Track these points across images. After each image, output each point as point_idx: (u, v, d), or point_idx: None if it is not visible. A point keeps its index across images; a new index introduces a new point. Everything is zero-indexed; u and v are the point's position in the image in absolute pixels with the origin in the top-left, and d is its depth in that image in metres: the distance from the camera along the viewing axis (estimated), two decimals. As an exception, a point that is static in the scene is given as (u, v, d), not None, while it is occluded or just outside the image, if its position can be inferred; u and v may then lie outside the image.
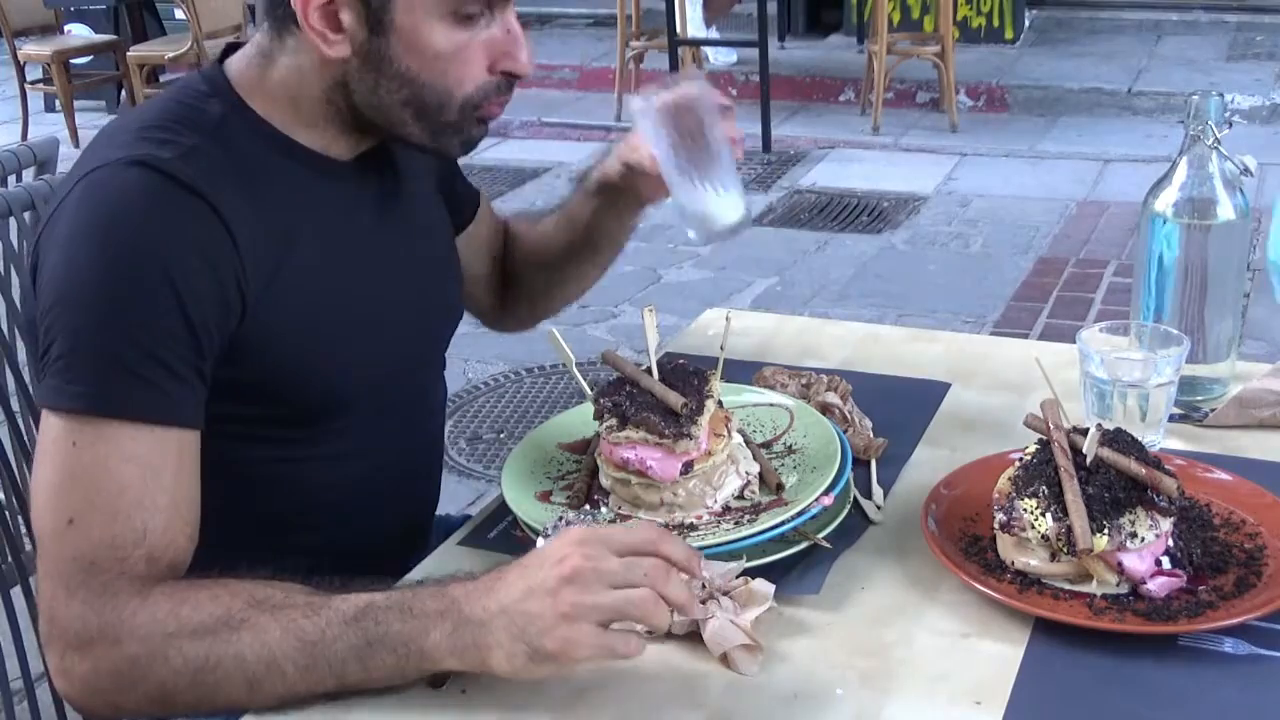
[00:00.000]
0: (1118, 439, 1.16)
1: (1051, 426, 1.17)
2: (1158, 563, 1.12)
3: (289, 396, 1.21)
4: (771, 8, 6.80)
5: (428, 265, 1.38)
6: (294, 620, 1.03)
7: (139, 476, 1.08)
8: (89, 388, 1.07)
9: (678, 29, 6.37)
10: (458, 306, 1.47)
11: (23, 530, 1.53)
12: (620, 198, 1.45)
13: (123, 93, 7.23)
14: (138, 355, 1.08)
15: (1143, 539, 1.10)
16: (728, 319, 1.35)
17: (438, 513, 1.58)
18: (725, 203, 1.32)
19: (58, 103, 7.09)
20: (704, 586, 1.09)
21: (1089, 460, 1.13)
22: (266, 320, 1.17)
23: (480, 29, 1.19)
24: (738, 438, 1.29)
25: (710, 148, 1.30)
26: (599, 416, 1.24)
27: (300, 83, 1.21)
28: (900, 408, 1.50)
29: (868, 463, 1.36)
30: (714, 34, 7.24)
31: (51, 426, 1.08)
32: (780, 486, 1.25)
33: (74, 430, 1.07)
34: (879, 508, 1.29)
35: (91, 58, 7.41)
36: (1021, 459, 1.19)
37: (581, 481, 1.29)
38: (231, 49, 1.27)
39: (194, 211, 1.12)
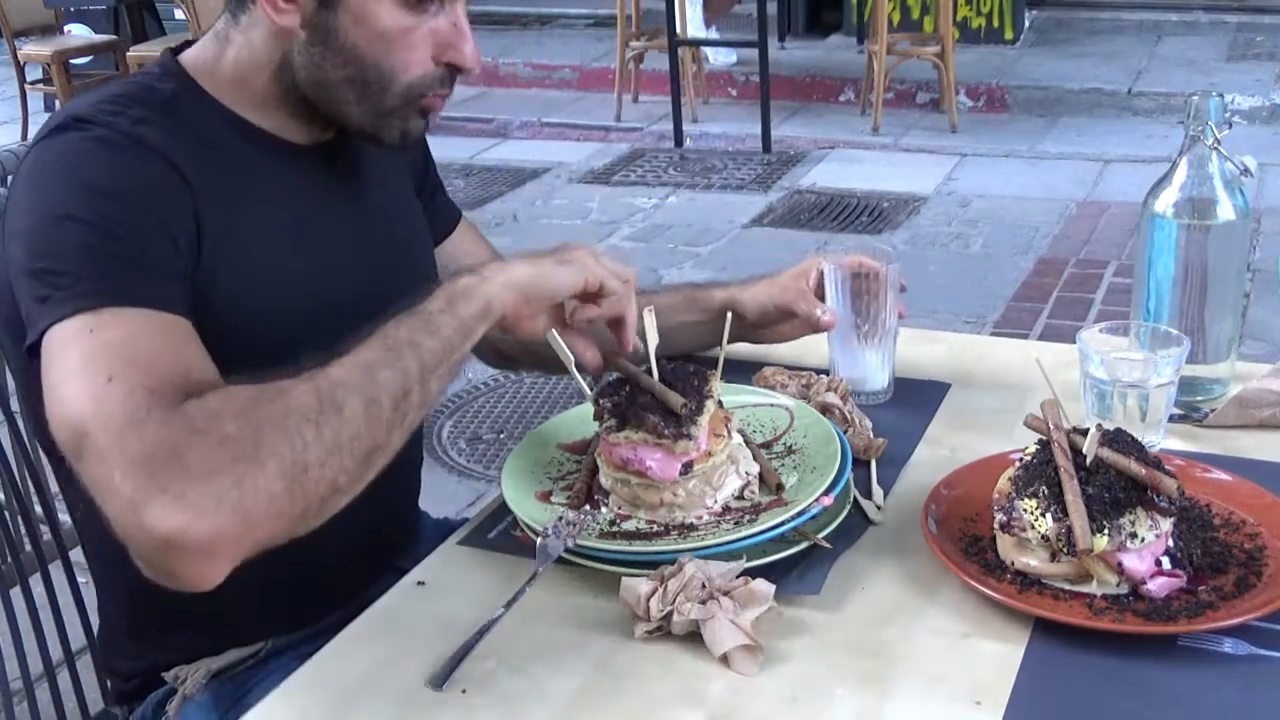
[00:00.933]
0: (1118, 439, 1.16)
1: (1051, 426, 1.17)
2: (1158, 563, 1.12)
3: (242, 366, 1.16)
4: (771, 8, 6.81)
5: (390, 253, 1.38)
6: (352, 351, 1.06)
7: (169, 341, 1.05)
8: (96, 284, 1.04)
9: (678, 29, 6.37)
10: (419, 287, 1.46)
11: (22, 531, 1.53)
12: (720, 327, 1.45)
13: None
14: (131, 249, 1.08)
15: (1143, 539, 1.10)
16: (728, 319, 1.35)
17: (439, 514, 1.59)
18: (881, 372, 1.52)
19: (57, 103, 7.09)
20: (704, 586, 1.09)
21: (1089, 460, 1.13)
22: (217, 279, 1.16)
23: (429, 17, 1.21)
24: (738, 438, 1.29)
25: (885, 322, 1.48)
26: (599, 417, 1.24)
27: (251, 60, 1.23)
28: (900, 408, 1.51)
29: (868, 463, 1.36)
30: (714, 34, 7.25)
31: (61, 332, 1.02)
32: (780, 486, 1.25)
33: (90, 322, 1.02)
34: (879, 508, 1.29)
35: (91, 58, 7.41)
36: (1021, 459, 1.19)
37: (581, 481, 1.29)
38: (187, 45, 1.29)
39: (150, 160, 1.13)
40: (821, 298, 1.50)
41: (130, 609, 1.37)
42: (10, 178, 1.74)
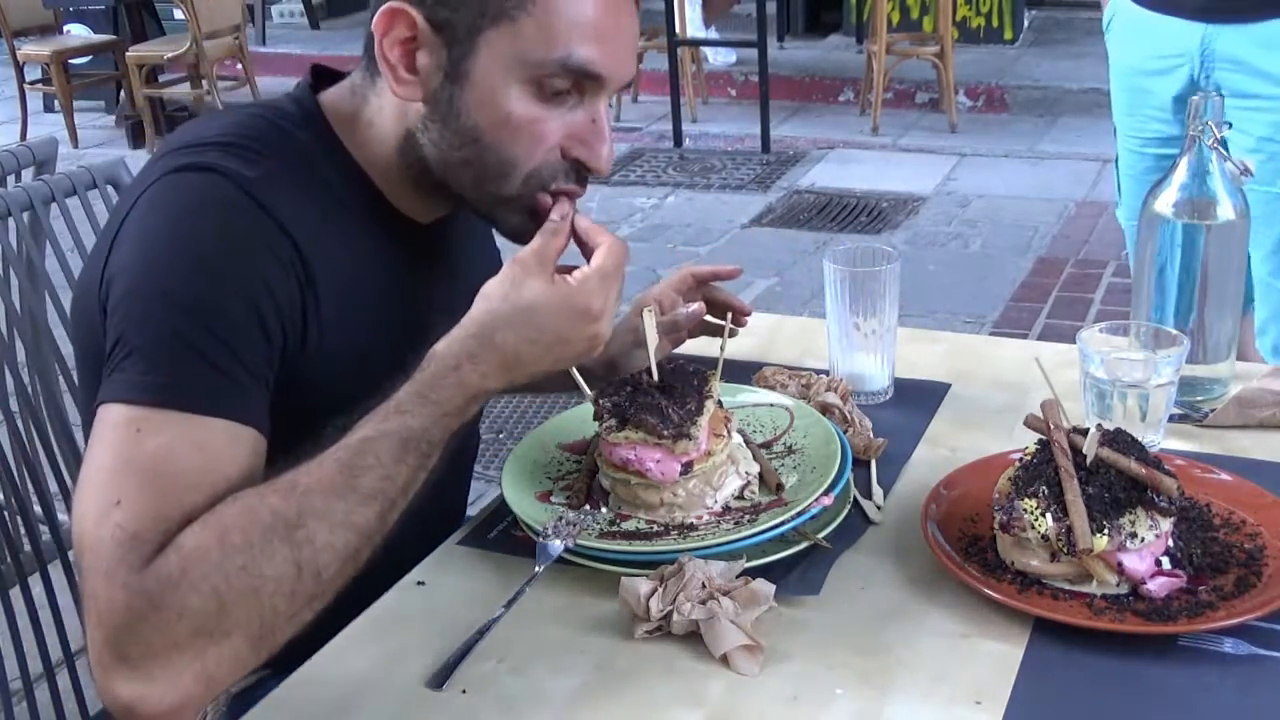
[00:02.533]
0: (1118, 439, 1.16)
1: (1051, 426, 1.17)
2: (1158, 563, 1.12)
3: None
4: (771, 8, 6.81)
5: None
6: (347, 485, 1.00)
7: (200, 464, 1.00)
8: (164, 378, 1.01)
9: (677, 29, 6.37)
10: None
11: (22, 531, 1.53)
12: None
13: (122, 93, 7.24)
14: (216, 348, 1.03)
15: (1143, 539, 1.10)
16: (728, 319, 1.35)
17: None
18: (881, 372, 1.52)
19: (57, 103, 7.10)
20: (704, 586, 1.09)
21: (1089, 460, 1.13)
22: (321, 359, 1.13)
23: (564, 110, 1.13)
24: (738, 438, 1.29)
25: (885, 322, 1.49)
26: (599, 417, 1.24)
27: (381, 127, 1.18)
28: (900, 408, 1.51)
29: (868, 463, 1.36)
30: (713, 34, 7.25)
31: (114, 413, 1.01)
32: (780, 486, 1.25)
33: (141, 418, 1.00)
34: (879, 508, 1.29)
35: (90, 58, 7.41)
36: (1021, 459, 1.19)
37: (581, 481, 1.29)
38: (318, 73, 1.24)
39: (268, 228, 1.08)
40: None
41: None
42: (9, 178, 1.75)
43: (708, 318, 1.49)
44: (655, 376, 1.25)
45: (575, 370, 1.28)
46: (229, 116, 1.18)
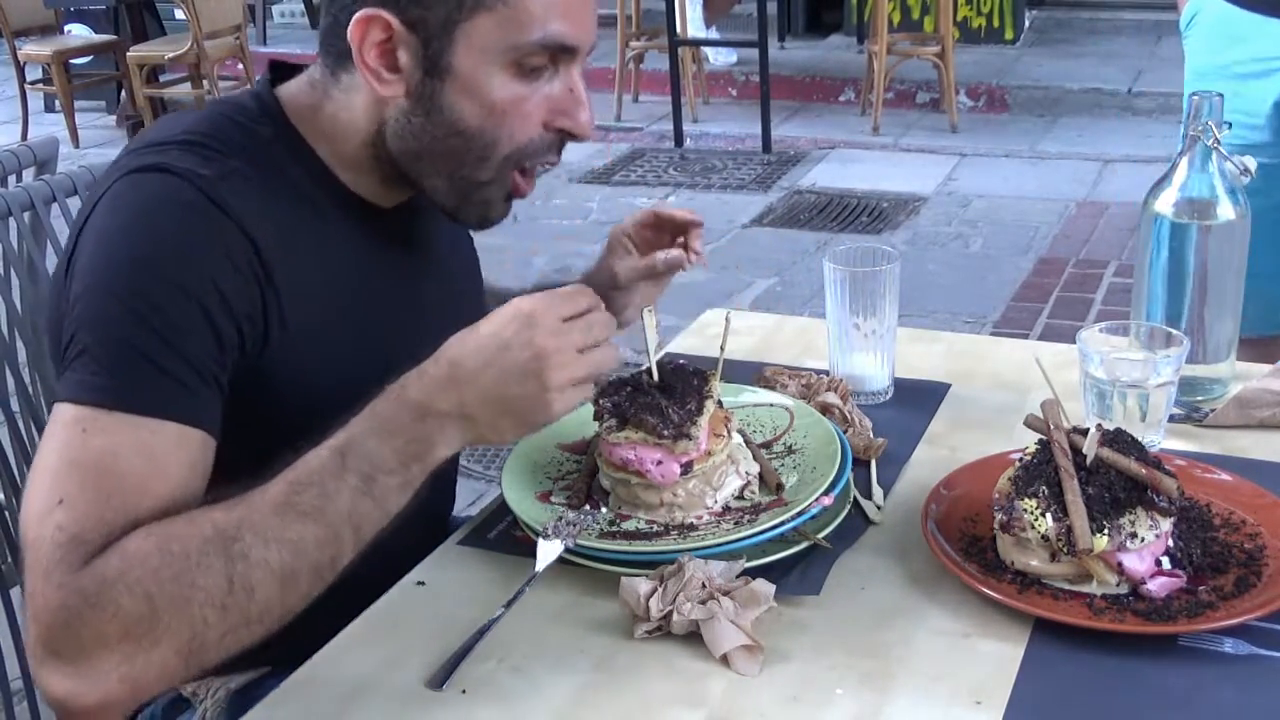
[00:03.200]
0: (1118, 439, 1.16)
1: (1051, 426, 1.17)
2: (1158, 563, 1.12)
3: (302, 436, 1.14)
4: (771, 8, 6.81)
5: (449, 319, 1.32)
6: (286, 504, 1.00)
7: (144, 467, 1.02)
8: (111, 380, 1.03)
9: (678, 29, 6.37)
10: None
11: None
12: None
13: (123, 93, 7.24)
14: (165, 352, 1.04)
15: (1143, 539, 1.10)
16: (728, 319, 1.35)
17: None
18: (881, 372, 1.52)
19: (58, 103, 7.10)
20: (704, 586, 1.09)
21: (1089, 460, 1.13)
22: (289, 352, 1.14)
23: (542, 83, 1.15)
24: (738, 438, 1.29)
25: (885, 322, 1.48)
26: (598, 417, 1.24)
27: (350, 122, 1.18)
28: (900, 408, 1.51)
29: (868, 463, 1.36)
30: (714, 34, 7.25)
31: (64, 413, 1.02)
32: (780, 486, 1.25)
33: (88, 418, 1.02)
34: (879, 508, 1.29)
35: (91, 58, 7.42)
36: (1021, 459, 1.19)
37: (581, 481, 1.29)
38: (277, 68, 1.25)
39: (225, 229, 1.09)
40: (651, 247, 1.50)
41: None
42: (9, 178, 1.75)
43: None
44: (655, 376, 1.25)
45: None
46: (191, 115, 1.20)
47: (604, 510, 1.24)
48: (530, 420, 1.08)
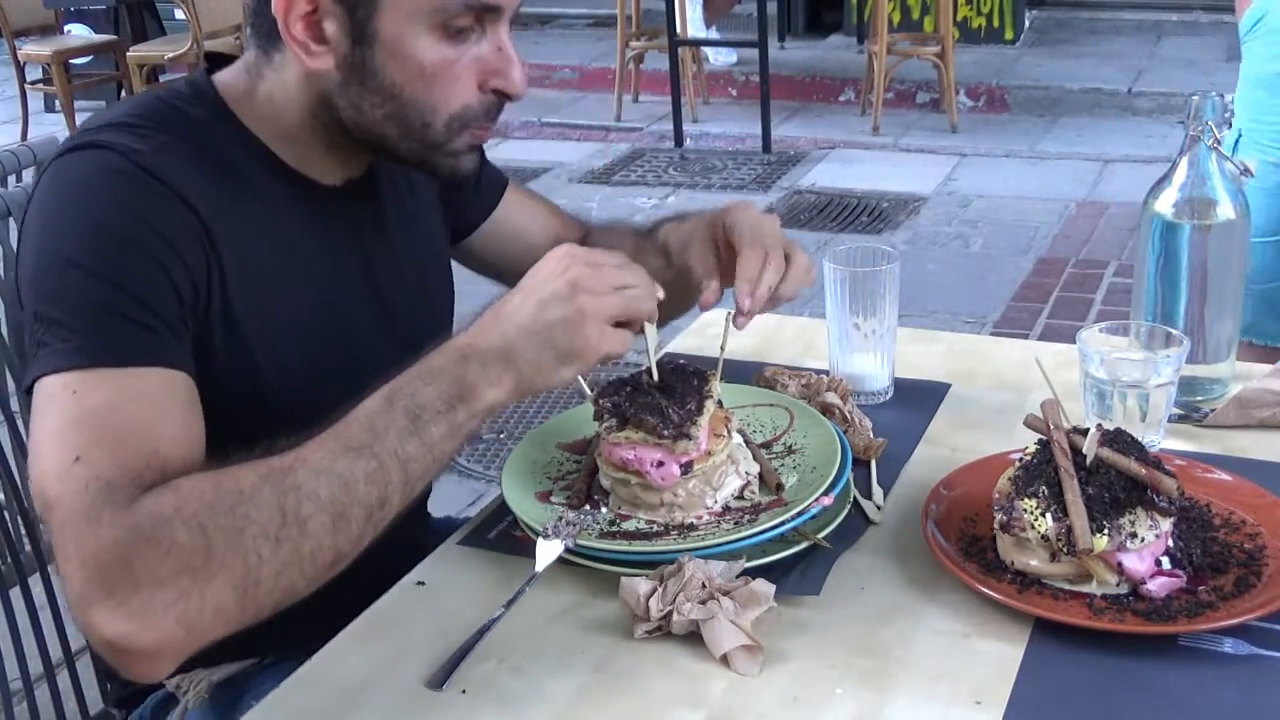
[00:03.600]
0: (1118, 439, 1.16)
1: (1051, 426, 1.17)
2: (1158, 563, 1.12)
3: (252, 416, 1.15)
4: (771, 8, 6.81)
5: (407, 296, 1.34)
6: (334, 440, 1.01)
7: (147, 412, 1.02)
8: (87, 340, 1.03)
9: (678, 29, 6.37)
10: (445, 338, 1.45)
11: (22, 531, 1.53)
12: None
13: (123, 93, 7.24)
14: (130, 303, 1.05)
15: (1143, 539, 1.10)
16: (728, 319, 1.34)
17: (438, 514, 1.58)
18: (881, 372, 1.51)
19: (58, 103, 7.09)
20: (704, 586, 1.09)
21: (1089, 460, 1.13)
22: (229, 320, 1.14)
23: (470, 45, 1.16)
24: (738, 438, 1.29)
25: (885, 322, 1.48)
26: (599, 417, 1.24)
27: (286, 99, 1.19)
28: (900, 408, 1.51)
29: (868, 463, 1.36)
30: (714, 34, 7.25)
31: (47, 385, 1.02)
32: (780, 486, 1.25)
33: (74, 381, 1.01)
34: (879, 508, 1.29)
35: (91, 58, 7.42)
36: (1021, 459, 1.19)
37: (581, 481, 1.29)
38: (214, 59, 1.26)
39: (164, 196, 1.10)
40: (722, 258, 1.34)
41: None
42: (9, 178, 1.75)
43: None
44: (655, 377, 1.25)
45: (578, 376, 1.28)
46: (124, 103, 1.21)
47: (604, 510, 1.24)
48: (571, 351, 1.08)
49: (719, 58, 7.45)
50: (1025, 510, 1.13)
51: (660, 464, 1.20)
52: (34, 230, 1.10)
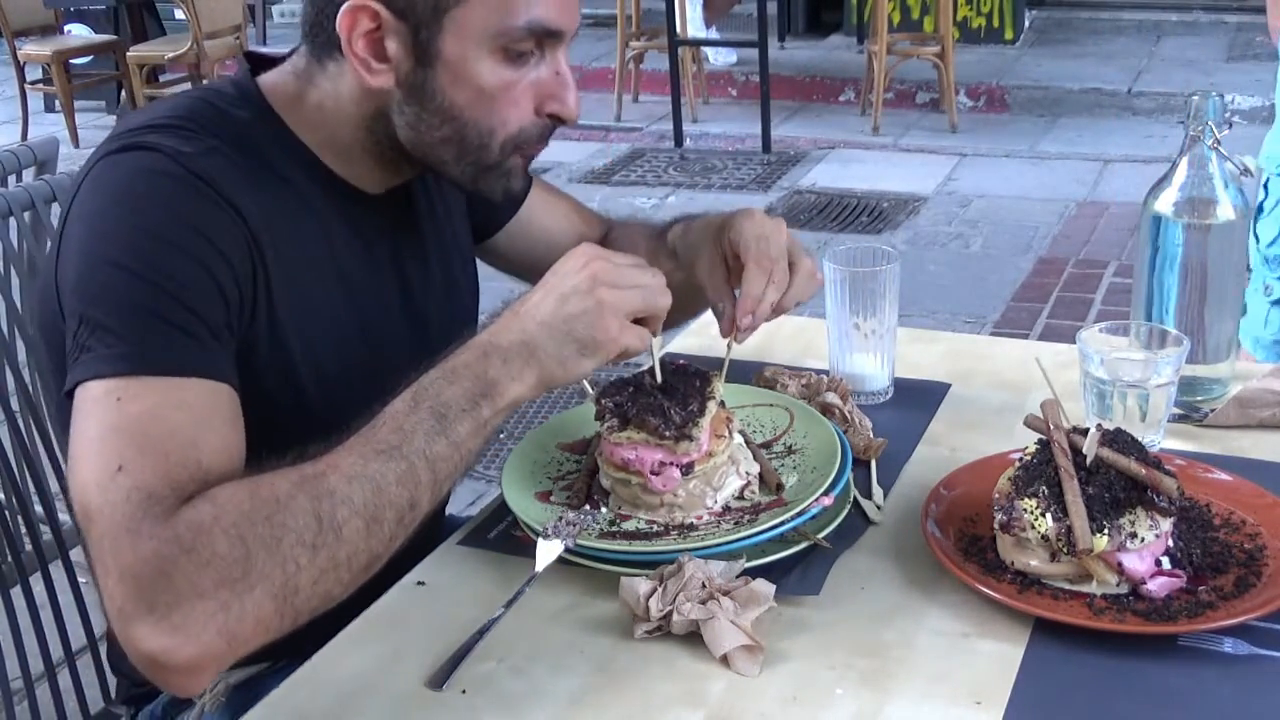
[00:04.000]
0: (1118, 439, 1.16)
1: (1051, 426, 1.17)
2: (1158, 563, 1.12)
3: (290, 420, 1.14)
4: (771, 8, 6.81)
5: (439, 304, 1.36)
6: (364, 444, 1.01)
7: (190, 421, 1.01)
8: (132, 347, 1.02)
9: (678, 29, 6.37)
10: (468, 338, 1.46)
11: (22, 530, 1.53)
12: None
13: (123, 93, 7.24)
14: (177, 311, 1.05)
15: (1143, 539, 1.10)
16: (730, 336, 1.31)
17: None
18: (881, 372, 1.51)
19: (58, 103, 7.10)
20: (704, 586, 1.09)
21: (1089, 460, 1.13)
22: (277, 324, 1.15)
23: (529, 69, 1.17)
24: (738, 438, 1.28)
25: (885, 322, 1.48)
26: (600, 417, 1.24)
27: (338, 109, 1.19)
28: (900, 408, 1.51)
29: (868, 463, 1.36)
30: (714, 34, 7.25)
31: (91, 390, 1.01)
32: (780, 487, 1.25)
33: (119, 388, 1.01)
34: (879, 508, 1.29)
35: (91, 58, 7.42)
36: (1021, 459, 1.19)
37: (581, 481, 1.28)
38: (255, 59, 1.25)
39: (212, 200, 1.10)
40: (729, 270, 1.33)
41: None
42: (9, 178, 1.75)
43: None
44: (658, 378, 1.25)
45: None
46: (167, 102, 1.20)
47: (604, 510, 1.24)
48: (592, 343, 1.09)
49: (719, 58, 7.45)
50: (1025, 510, 1.13)
51: (659, 470, 1.20)
52: (77, 233, 1.09)
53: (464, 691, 1.06)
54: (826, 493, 1.21)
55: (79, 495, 0.99)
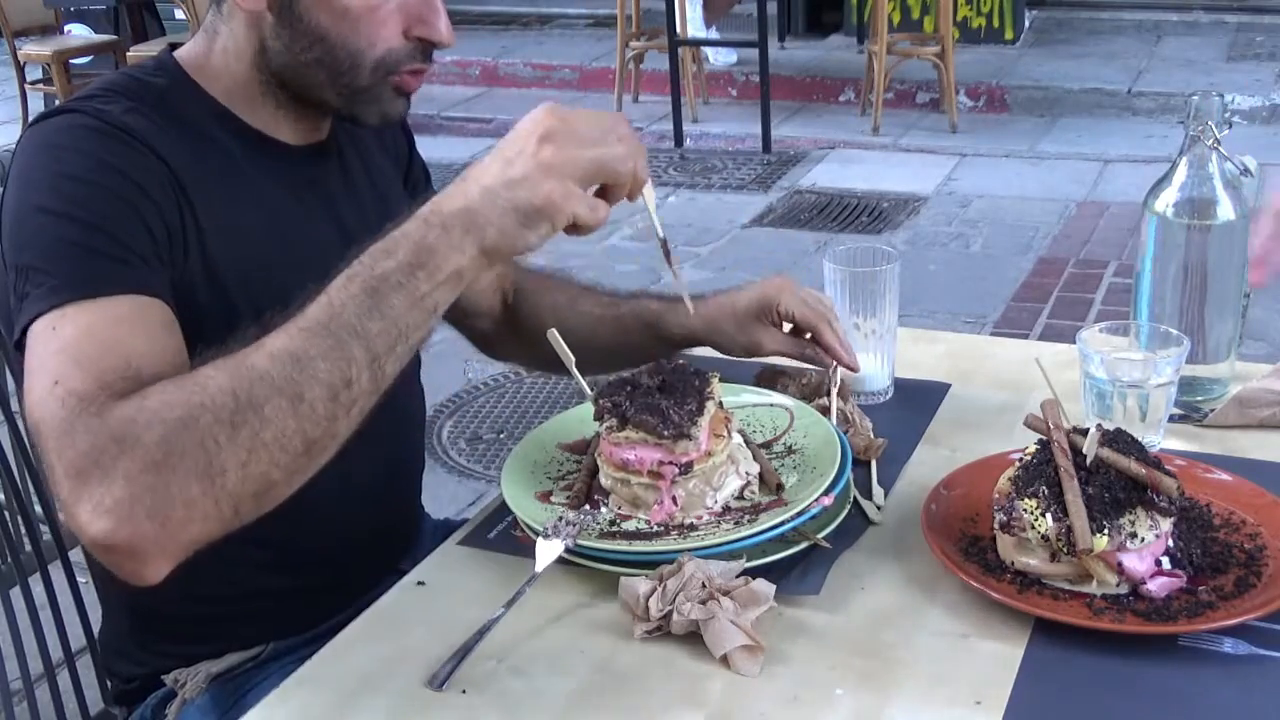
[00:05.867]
0: (1118, 439, 1.16)
1: (1051, 426, 1.17)
2: (1158, 563, 1.12)
3: None
4: (771, 8, 6.81)
5: None
6: (294, 323, 1.00)
7: (122, 333, 1.04)
8: (62, 280, 1.06)
9: (678, 29, 6.37)
10: None
11: (23, 530, 1.53)
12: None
13: (123, 93, 7.23)
14: (101, 240, 1.08)
15: (1143, 539, 1.10)
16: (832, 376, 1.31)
17: (439, 515, 1.59)
18: (881, 372, 1.52)
19: (57, 103, 7.09)
20: (704, 586, 1.09)
21: (1089, 460, 1.13)
22: (215, 273, 1.17)
23: None
24: (738, 438, 1.28)
25: (885, 322, 1.48)
26: (599, 416, 1.24)
27: (234, 49, 1.24)
28: (900, 408, 1.51)
29: (868, 463, 1.36)
30: (714, 34, 7.25)
31: (34, 330, 1.05)
32: (780, 487, 1.25)
33: (55, 319, 1.04)
34: (879, 508, 1.29)
35: (91, 58, 7.41)
36: (1021, 459, 1.19)
37: (581, 481, 1.28)
38: (174, 47, 1.29)
39: (132, 146, 1.14)
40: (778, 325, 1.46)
41: (133, 614, 1.37)
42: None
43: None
44: (660, 232, 1.23)
45: (576, 371, 1.28)
46: (94, 80, 1.27)
47: (604, 510, 1.24)
48: (533, 211, 1.02)
49: (719, 58, 7.44)
50: (1025, 510, 1.13)
51: (660, 474, 1.20)
52: (10, 193, 1.14)
53: (464, 691, 1.06)
54: (826, 493, 1.21)
55: (29, 420, 1.01)
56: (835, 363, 1.43)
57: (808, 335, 1.44)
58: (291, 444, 0.98)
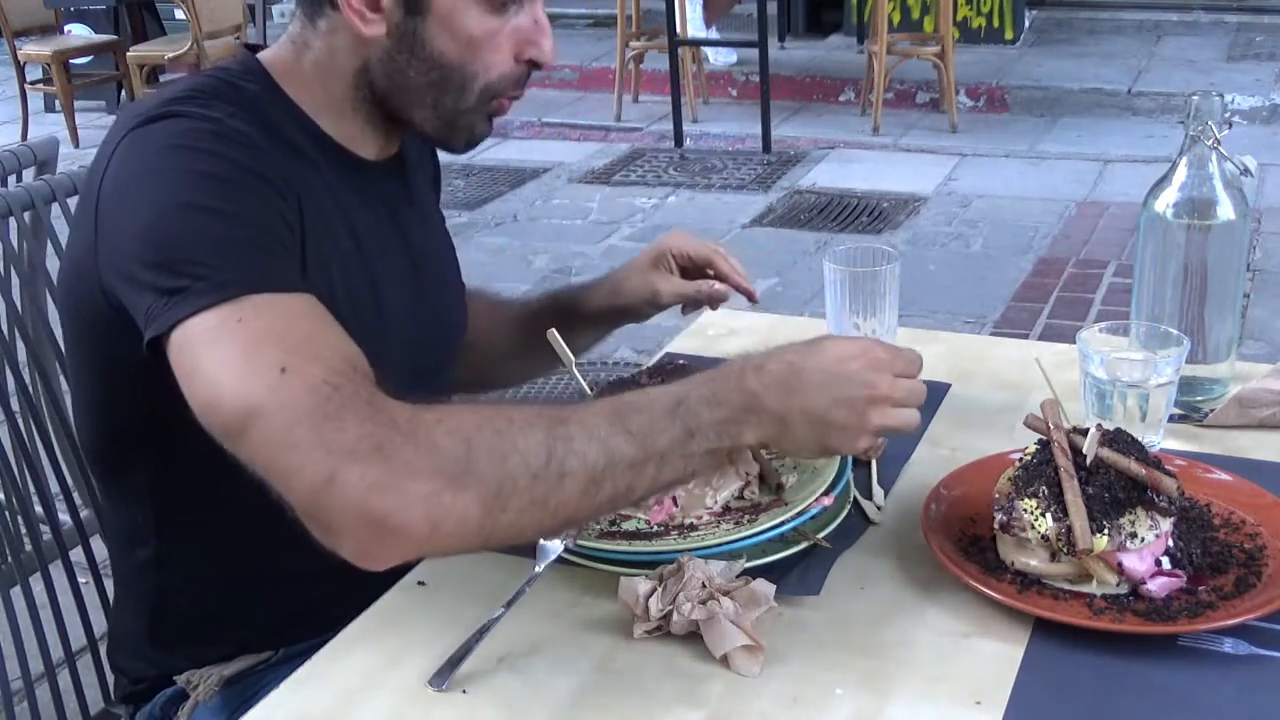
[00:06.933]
0: (1118, 439, 1.16)
1: (1051, 426, 1.17)
2: (1158, 563, 1.12)
3: None
4: (771, 8, 6.80)
5: (438, 279, 1.40)
6: (616, 416, 1.02)
7: (317, 326, 1.03)
8: (232, 274, 1.03)
9: (678, 29, 6.37)
10: (463, 324, 1.48)
11: (22, 530, 1.53)
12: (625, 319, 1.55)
13: (123, 93, 7.24)
14: (259, 235, 1.08)
15: (1143, 539, 1.10)
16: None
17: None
18: None
19: (58, 103, 7.09)
20: (704, 586, 1.09)
21: (1089, 460, 1.13)
22: (306, 273, 1.15)
23: (511, 16, 1.21)
24: (738, 438, 1.28)
25: (885, 322, 1.49)
26: (599, 416, 1.24)
27: (331, 65, 1.23)
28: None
29: (868, 463, 1.36)
30: (714, 34, 7.25)
31: (200, 322, 1.01)
32: (780, 486, 1.25)
33: (234, 312, 1.01)
34: (879, 508, 1.29)
35: (91, 58, 7.41)
36: (1021, 459, 1.19)
37: (581, 481, 1.28)
38: (253, 50, 1.28)
39: (253, 148, 1.13)
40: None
41: (151, 617, 1.36)
42: (9, 178, 1.75)
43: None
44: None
45: (576, 371, 1.28)
46: (176, 83, 1.23)
47: (604, 510, 1.23)
48: (831, 447, 1.10)
49: (719, 58, 7.44)
50: (1025, 510, 1.13)
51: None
52: (130, 194, 1.10)
53: (464, 691, 1.06)
54: (826, 493, 1.21)
55: (232, 404, 0.97)
56: (732, 290, 1.48)
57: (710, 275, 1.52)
58: (561, 515, 1.00)
